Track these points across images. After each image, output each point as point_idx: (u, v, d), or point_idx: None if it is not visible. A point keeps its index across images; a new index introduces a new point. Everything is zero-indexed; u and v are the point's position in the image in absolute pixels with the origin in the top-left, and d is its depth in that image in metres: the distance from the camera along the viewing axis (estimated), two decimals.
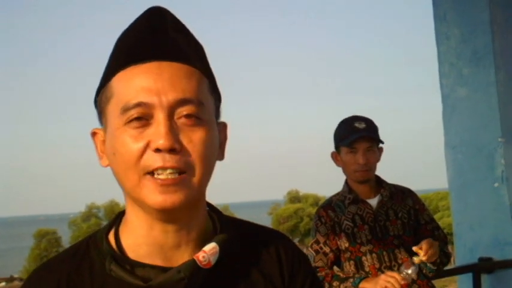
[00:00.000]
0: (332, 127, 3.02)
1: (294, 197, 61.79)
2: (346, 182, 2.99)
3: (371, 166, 2.90)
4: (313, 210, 49.68)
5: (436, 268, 2.84)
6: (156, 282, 0.97)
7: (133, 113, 0.95)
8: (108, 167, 1.03)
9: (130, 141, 0.95)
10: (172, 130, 0.95)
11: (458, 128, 4.02)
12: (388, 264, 2.80)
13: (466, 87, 3.98)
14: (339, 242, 2.88)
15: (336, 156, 2.98)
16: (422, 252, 2.65)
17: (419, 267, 2.79)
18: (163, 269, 0.99)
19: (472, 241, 4.00)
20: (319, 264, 2.88)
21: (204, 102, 0.99)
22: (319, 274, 2.87)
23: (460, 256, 4.11)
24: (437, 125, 4.16)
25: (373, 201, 2.92)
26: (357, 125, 2.85)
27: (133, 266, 1.00)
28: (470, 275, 3.87)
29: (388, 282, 2.58)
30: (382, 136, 2.92)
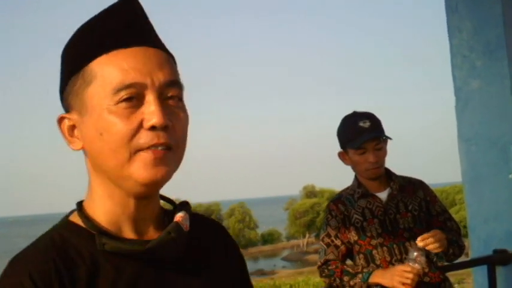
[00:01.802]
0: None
1: (310, 192, 61.71)
2: (356, 177, 3.00)
3: (381, 163, 2.91)
4: None
5: (447, 258, 2.85)
6: (152, 244, 1.01)
7: (125, 93, 0.98)
8: (80, 151, 1.07)
9: (123, 121, 0.98)
10: (164, 109, 1.00)
11: (472, 121, 4.00)
12: (399, 257, 2.80)
13: (479, 80, 3.97)
14: (349, 236, 2.90)
15: (343, 156, 2.99)
16: (421, 243, 2.65)
17: (429, 258, 2.80)
18: (141, 242, 1.04)
19: (487, 234, 3.98)
20: (331, 257, 2.90)
21: (183, 86, 1.06)
22: (330, 267, 2.89)
23: (474, 249, 4.10)
24: (450, 119, 4.15)
25: (383, 195, 2.93)
26: (361, 124, 2.84)
27: (118, 239, 1.03)
28: (485, 267, 3.86)
29: (406, 278, 2.61)
30: (394, 133, 2.92)
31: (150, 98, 0.99)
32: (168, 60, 1.06)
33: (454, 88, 4.10)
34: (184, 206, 1.14)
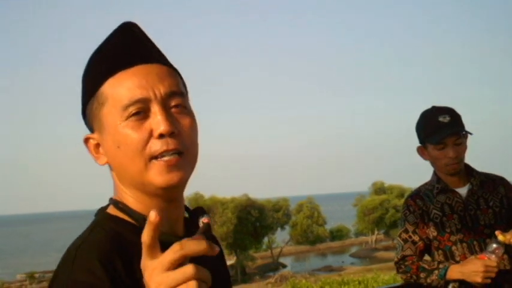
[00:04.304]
0: (411, 119, 3.00)
1: (379, 189, 60.76)
2: (435, 172, 2.96)
3: (461, 158, 2.85)
4: (398, 202, 48.43)
5: None
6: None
7: (133, 108, 1.10)
8: (105, 166, 1.19)
9: (134, 133, 1.11)
10: (169, 118, 1.11)
11: None
12: (479, 254, 2.73)
13: None
14: (427, 231, 2.87)
15: (422, 151, 2.94)
16: (503, 237, 2.60)
17: (511, 256, 2.75)
18: (179, 237, 1.08)
19: None
20: (408, 252, 2.88)
21: (185, 94, 1.18)
22: (406, 263, 2.87)
23: None
24: None
25: (463, 191, 2.87)
26: (441, 119, 2.79)
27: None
28: None
29: (492, 272, 2.59)
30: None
31: (156, 109, 1.11)
32: (169, 72, 1.17)
33: None
34: (203, 210, 1.22)
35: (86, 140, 1.20)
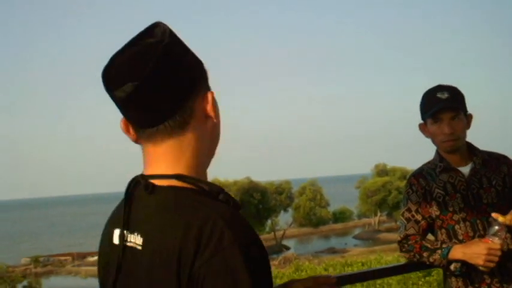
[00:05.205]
0: (414, 101, 3.00)
1: (382, 171, 60.81)
2: (437, 151, 2.94)
3: (458, 135, 2.82)
4: (401, 184, 48.42)
5: None
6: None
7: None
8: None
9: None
10: None
11: None
12: (482, 232, 2.74)
13: None
14: (430, 210, 2.86)
15: (423, 128, 2.93)
16: (503, 218, 2.60)
17: None
18: None
19: None
20: (411, 232, 2.88)
21: None
22: (409, 242, 2.87)
23: None
24: None
25: (465, 169, 2.86)
26: (439, 95, 2.78)
27: None
28: None
29: (495, 256, 2.59)
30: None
31: None
32: None
33: None
34: None
35: (206, 97, 1.34)
